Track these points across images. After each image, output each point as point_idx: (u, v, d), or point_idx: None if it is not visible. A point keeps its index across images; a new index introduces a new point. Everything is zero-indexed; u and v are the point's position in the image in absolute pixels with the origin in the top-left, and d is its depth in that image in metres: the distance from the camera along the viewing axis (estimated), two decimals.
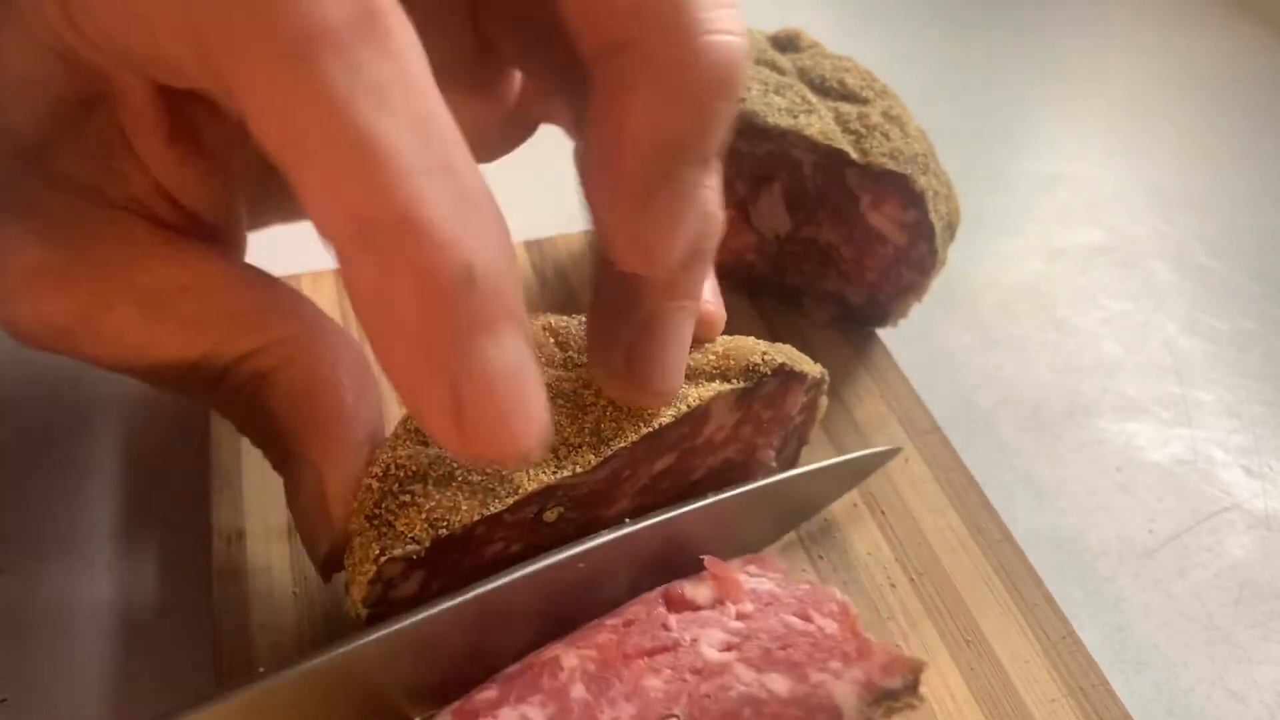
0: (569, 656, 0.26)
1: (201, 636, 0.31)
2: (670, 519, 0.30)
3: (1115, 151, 0.63)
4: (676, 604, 0.29)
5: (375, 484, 0.27)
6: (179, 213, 0.28)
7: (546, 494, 0.27)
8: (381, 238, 0.18)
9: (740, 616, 0.29)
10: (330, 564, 0.28)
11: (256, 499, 0.34)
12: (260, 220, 0.33)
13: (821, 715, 0.27)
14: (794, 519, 0.34)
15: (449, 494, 0.26)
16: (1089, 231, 0.55)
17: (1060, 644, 0.31)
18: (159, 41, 0.22)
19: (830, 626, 0.29)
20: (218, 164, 0.28)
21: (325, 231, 0.19)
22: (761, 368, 0.29)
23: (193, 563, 0.34)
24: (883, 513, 0.35)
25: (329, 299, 0.42)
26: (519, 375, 0.19)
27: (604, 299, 0.28)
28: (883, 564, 0.34)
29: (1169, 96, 0.68)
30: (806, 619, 0.29)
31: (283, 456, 0.29)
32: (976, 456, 0.38)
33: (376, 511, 0.26)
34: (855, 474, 0.35)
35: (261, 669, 0.26)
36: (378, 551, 0.25)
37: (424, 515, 0.26)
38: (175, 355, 0.28)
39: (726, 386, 0.29)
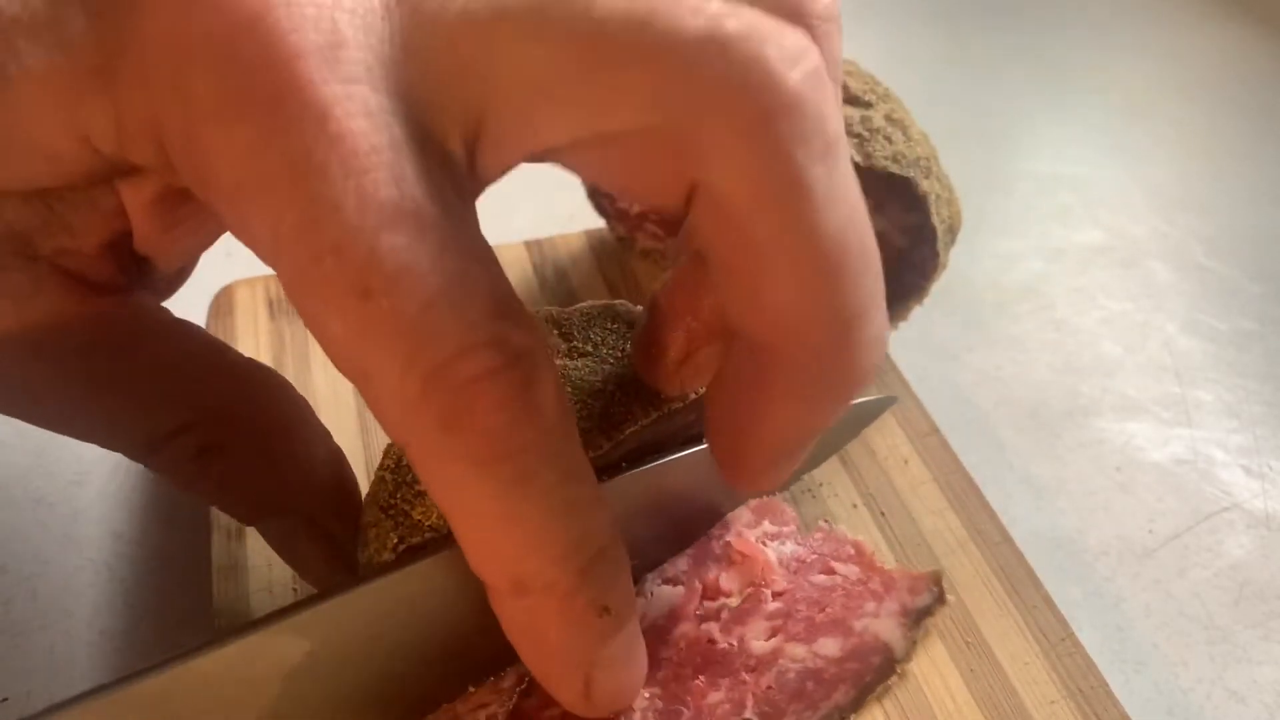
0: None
1: (202, 634, 0.31)
2: (669, 463, 0.29)
3: (1115, 151, 0.63)
4: (711, 592, 0.29)
5: (389, 476, 0.26)
6: (114, 272, 0.25)
7: None
8: (533, 592, 0.21)
9: (775, 596, 0.29)
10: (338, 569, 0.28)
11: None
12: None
13: (875, 657, 0.29)
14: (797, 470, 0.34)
15: None
16: (1089, 232, 0.55)
17: (1060, 646, 0.31)
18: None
19: (852, 571, 0.30)
20: (207, 230, 0.26)
21: (484, 577, 0.21)
22: None
23: (193, 561, 0.34)
24: (882, 514, 0.35)
25: None
26: (631, 660, 0.24)
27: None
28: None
29: (1169, 96, 0.68)
30: (831, 572, 0.30)
31: (255, 515, 0.28)
32: (976, 456, 0.38)
33: (392, 502, 0.26)
34: (855, 424, 0.36)
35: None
36: (396, 540, 0.25)
37: None
38: (105, 422, 0.26)
39: None
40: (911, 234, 0.38)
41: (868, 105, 0.38)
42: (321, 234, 0.17)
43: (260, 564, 0.32)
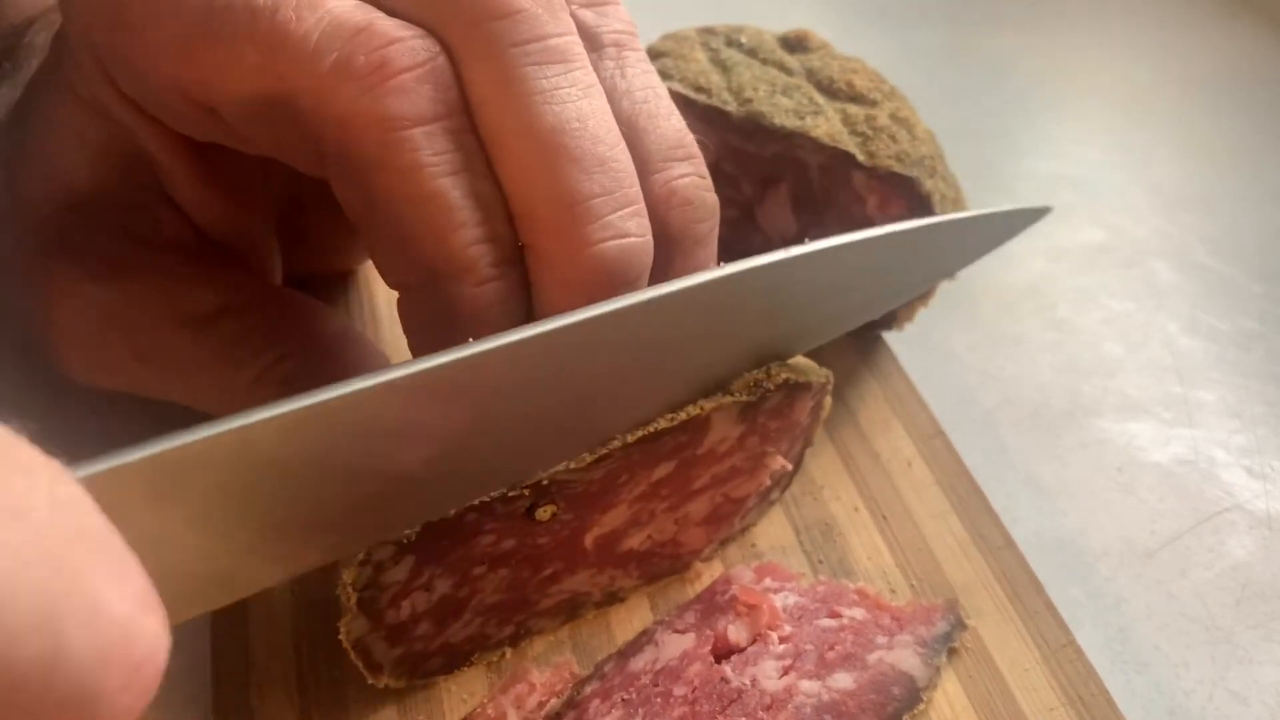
0: None
1: (198, 635, 0.31)
2: (808, 253, 0.27)
3: (1116, 151, 0.62)
4: (722, 650, 0.30)
5: None
6: (215, 246, 0.31)
7: (539, 488, 0.27)
8: (445, 277, 0.23)
9: (782, 640, 0.30)
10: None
11: None
12: (297, 257, 0.36)
13: (896, 688, 0.29)
14: (932, 275, 0.35)
15: None
16: (1090, 231, 0.55)
17: (1060, 652, 0.31)
18: (219, 122, 0.26)
19: (859, 613, 0.31)
20: (247, 198, 0.31)
21: (389, 277, 0.24)
22: (765, 383, 0.29)
23: None
24: (884, 517, 0.35)
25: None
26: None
27: None
28: (883, 569, 0.34)
29: (1169, 96, 0.68)
30: (837, 616, 0.31)
31: None
32: (977, 457, 0.38)
33: None
34: (1005, 230, 0.36)
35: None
36: (364, 554, 0.25)
37: None
38: (218, 373, 0.30)
39: (728, 399, 0.29)
40: None
41: (873, 104, 0.38)
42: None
43: None
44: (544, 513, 0.28)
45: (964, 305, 0.49)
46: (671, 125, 0.26)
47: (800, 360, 0.31)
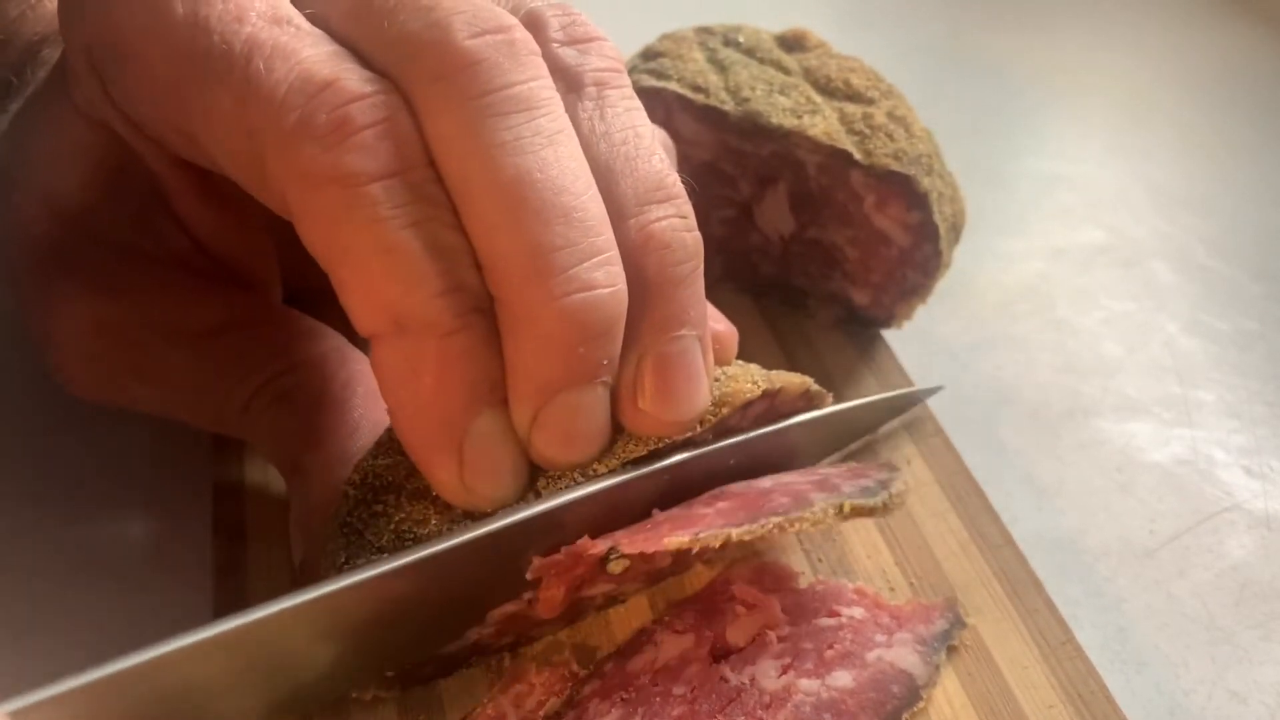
0: None
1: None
2: (706, 453, 0.29)
3: (1115, 151, 0.63)
4: (721, 650, 0.30)
5: (352, 491, 0.26)
6: (215, 262, 0.31)
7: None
8: (411, 330, 0.23)
9: (781, 639, 0.30)
10: (305, 570, 0.28)
11: (258, 497, 0.34)
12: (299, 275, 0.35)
13: (895, 686, 0.29)
14: (838, 444, 0.37)
15: (420, 507, 0.26)
16: (1090, 231, 0.55)
17: (1060, 650, 0.31)
18: (208, 155, 0.26)
19: (858, 612, 0.31)
20: (247, 214, 0.31)
21: (360, 326, 0.24)
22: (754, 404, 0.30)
23: (193, 561, 0.34)
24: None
25: None
26: (506, 444, 0.25)
27: None
28: (881, 567, 0.34)
29: (1169, 96, 0.68)
30: (835, 615, 0.30)
31: (291, 469, 0.30)
32: (976, 456, 0.38)
33: (349, 520, 0.26)
34: (895, 409, 0.38)
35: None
36: (343, 559, 0.25)
37: (392, 526, 0.26)
38: (214, 389, 0.30)
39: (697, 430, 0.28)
40: (914, 232, 0.38)
41: (870, 102, 0.38)
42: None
43: (260, 564, 0.32)
44: (616, 566, 0.27)
45: (964, 305, 0.49)
46: (651, 167, 0.26)
47: (788, 376, 0.31)
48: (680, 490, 0.29)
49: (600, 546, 0.26)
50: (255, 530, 0.33)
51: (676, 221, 0.26)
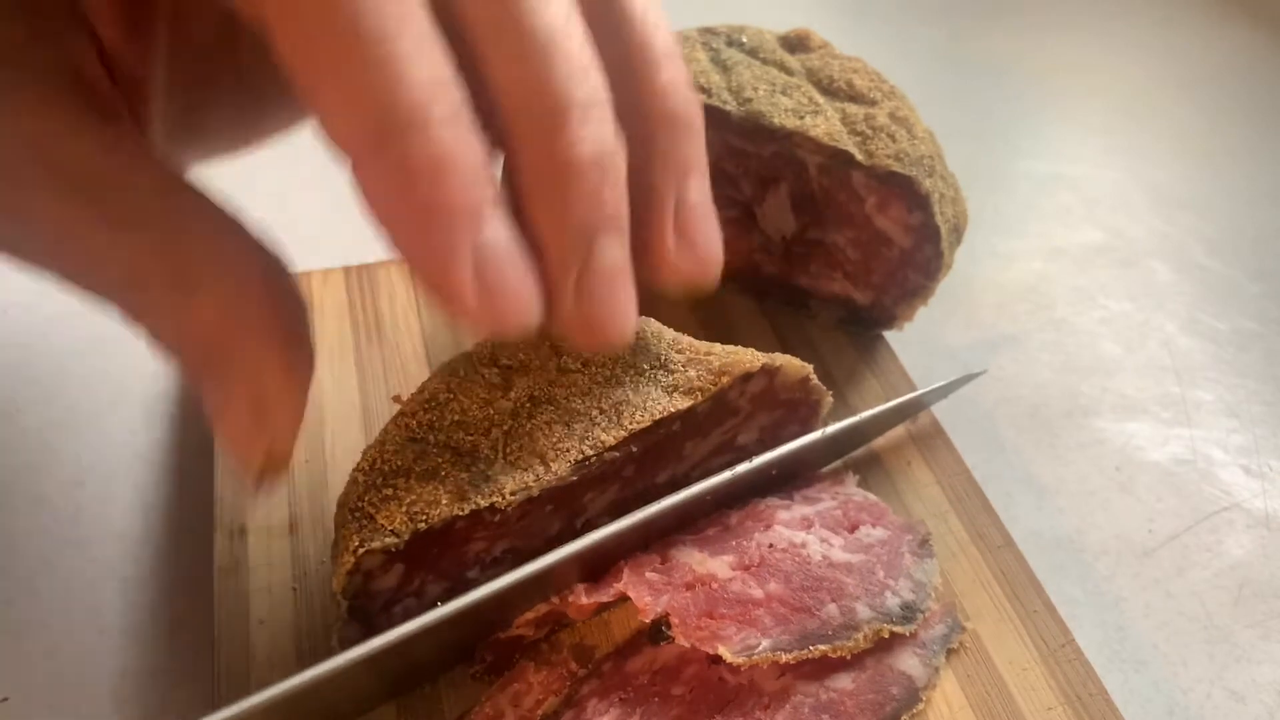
0: None
1: (201, 634, 0.31)
2: (721, 481, 0.32)
3: (1115, 151, 0.63)
4: None
5: (361, 477, 0.27)
6: (111, 92, 0.26)
7: (528, 499, 0.27)
8: (400, 130, 0.21)
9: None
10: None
11: (260, 496, 0.34)
12: (177, 149, 0.31)
13: (894, 688, 0.29)
14: (849, 448, 0.38)
15: (430, 488, 0.26)
16: (1089, 231, 0.55)
17: (1059, 652, 0.31)
18: None
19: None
20: (158, 48, 0.28)
21: (340, 138, 0.21)
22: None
23: (193, 561, 0.34)
24: None
25: (338, 298, 0.41)
26: (515, 262, 0.22)
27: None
28: None
29: (1169, 96, 0.68)
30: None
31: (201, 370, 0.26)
32: (976, 456, 0.38)
33: (359, 505, 0.26)
34: (940, 394, 0.39)
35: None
36: (357, 544, 0.26)
37: (404, 508, 0.26)
38: (96, 252, 0.25)
39: (700, 398, 0.29)
40: (915, 233, 0.38)
41: (872, 103, 0.38)
42: None
43: (260, 564, 0.32)
44: (662, 638, 0.29)
45: (964, 305, 0.49)
46: (660, 32, 0.26)
47: (789, 359, 0.32)
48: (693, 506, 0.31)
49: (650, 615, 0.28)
50: (257, 527, 0.33)
51: (681, 79, 0.26)
